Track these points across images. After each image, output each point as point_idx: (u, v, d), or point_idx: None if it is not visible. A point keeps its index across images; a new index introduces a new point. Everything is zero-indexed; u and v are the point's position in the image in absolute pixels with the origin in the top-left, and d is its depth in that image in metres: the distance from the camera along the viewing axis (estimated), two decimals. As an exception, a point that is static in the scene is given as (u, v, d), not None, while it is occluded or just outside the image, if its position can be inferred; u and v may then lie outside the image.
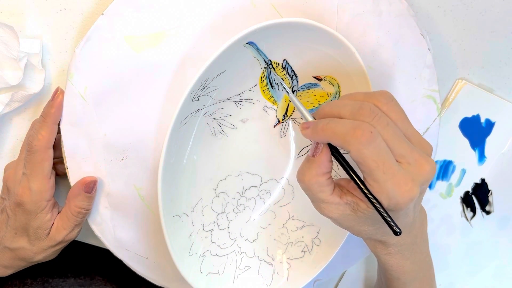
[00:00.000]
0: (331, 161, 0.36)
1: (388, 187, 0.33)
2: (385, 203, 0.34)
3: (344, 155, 0.36)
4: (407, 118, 0.36)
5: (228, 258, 0.48)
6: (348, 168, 0.35)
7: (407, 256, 0.41)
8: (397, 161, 0.34)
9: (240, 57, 0.42)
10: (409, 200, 0.33)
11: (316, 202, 0.37)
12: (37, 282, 0.51)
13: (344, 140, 0.33)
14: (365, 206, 0.36)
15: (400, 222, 0.37)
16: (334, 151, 0.36)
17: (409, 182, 0.33)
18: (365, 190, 0.34)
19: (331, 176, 0.37)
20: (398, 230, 0.34)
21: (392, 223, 0.34)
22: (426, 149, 0.36)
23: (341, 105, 0.35)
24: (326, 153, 0.36)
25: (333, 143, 0.35)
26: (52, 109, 0.41)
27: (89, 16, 0.44)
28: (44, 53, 0.45)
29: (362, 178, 0.35)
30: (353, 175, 0.35)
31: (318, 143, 0.36)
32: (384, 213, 0.34)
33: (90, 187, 0.43)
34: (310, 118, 0.38)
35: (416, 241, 0.41)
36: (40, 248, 0.44)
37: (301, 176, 0.37)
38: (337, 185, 0.37)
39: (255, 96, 0.46)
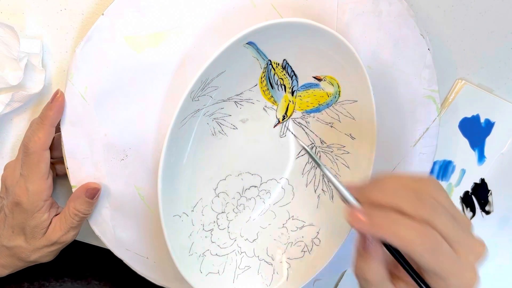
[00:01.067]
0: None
1: (454, 282, 0.33)
2: None
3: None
4: (453, 202, 0.36)
5: (228, 258, 0.48)
6: (409, 270, 0.34)
7: None
8: (454, 249, 0.34)
9: (240, 57, 0.42)
10: None
11: None
12: (34, 286, 0.51)
13: (409, 246, 0.32)
14: None
15: None
16: (389, 247, 0.35)
17: (472, 271, 0.34)
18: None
19: (388, 265, 0.36)
20: None
21: None
22: (469, 225, 0.36)
23: (397, 196, 0.34)
24: (380, 246, 0.35)
25: (392, 244, 0.33)
26: (51, 111, 0.41)
27: (90, 16, 0.45)
28: (44, 53, 0.45)
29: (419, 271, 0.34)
30: (413, 275, 0.34)
31: (366, 235, 0.34)
32: None
33: (92, 193, 0.43)
34: (354, 203, 0.35)
35: None
36: (35, 247, 0.44)
37: (362, 273, 0.35)
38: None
39: (255, 96, 0.46)
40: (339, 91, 0.45)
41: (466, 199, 0.58)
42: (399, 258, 0.34)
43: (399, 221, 0.32)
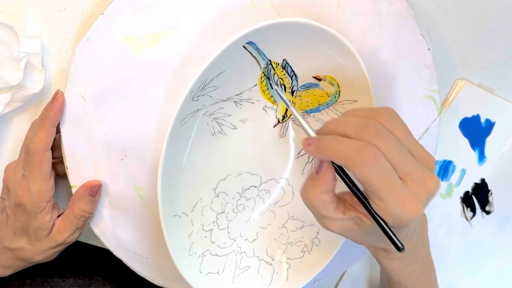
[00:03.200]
0: (335, 178, 0.36)
1: (392, 206, 0.33)
2: (389, 221, 0.34)
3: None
4: (411, 134, 0.36)
5: (227, 258, 0.47)
6: (352, 187, 0.35)
7: (407, 261, 0.41)
8: (401, 178, 0.34)
9: (240, 57, 0.42)
10: (413, 218, 0.34)
11: (319, 218, 0.38)
12: (36, 282, 0.51)
13: (347, 161, 0.33)
14: (369, 221, 0.36)
15: (401, 234, 0.37)
16: (338, 169, 0.36)
17: (413, 200, 0.33)
18: (370, 209, 0.34)
19: (334, 193, 0.37)
20: (401, 247, 0.34)
21: (397, 241, 0.34)
22: (429, 163, 0.36)
23: (345, 123, 0.35)
24: (330, 172, 0.36)
25: (337, 163, 0.35)
26: (51, 111, 0.41)
27: (89, 16, 0.45)
28: (44, 53, 0.45)
29: (366, 196, 0.35)
30: (358, 194, 0.35)
31: (321, 161, 0.36)
32: (389, 231, 0.34)
33: (94, 190, 0.43)
34: (312, 134, 0.37)
35: (417, 247, 0.41)
36: (39, 249, 0.44)
37: (305, 194, 0.37)
38: (340, 200, 0.37)
39: (254, 96, 0.46)
40: (339, 91, 0.45)
41: (467, 199, 0.57)
42: (342, 175, 0.36)
43: (340, 140, 0.34)
